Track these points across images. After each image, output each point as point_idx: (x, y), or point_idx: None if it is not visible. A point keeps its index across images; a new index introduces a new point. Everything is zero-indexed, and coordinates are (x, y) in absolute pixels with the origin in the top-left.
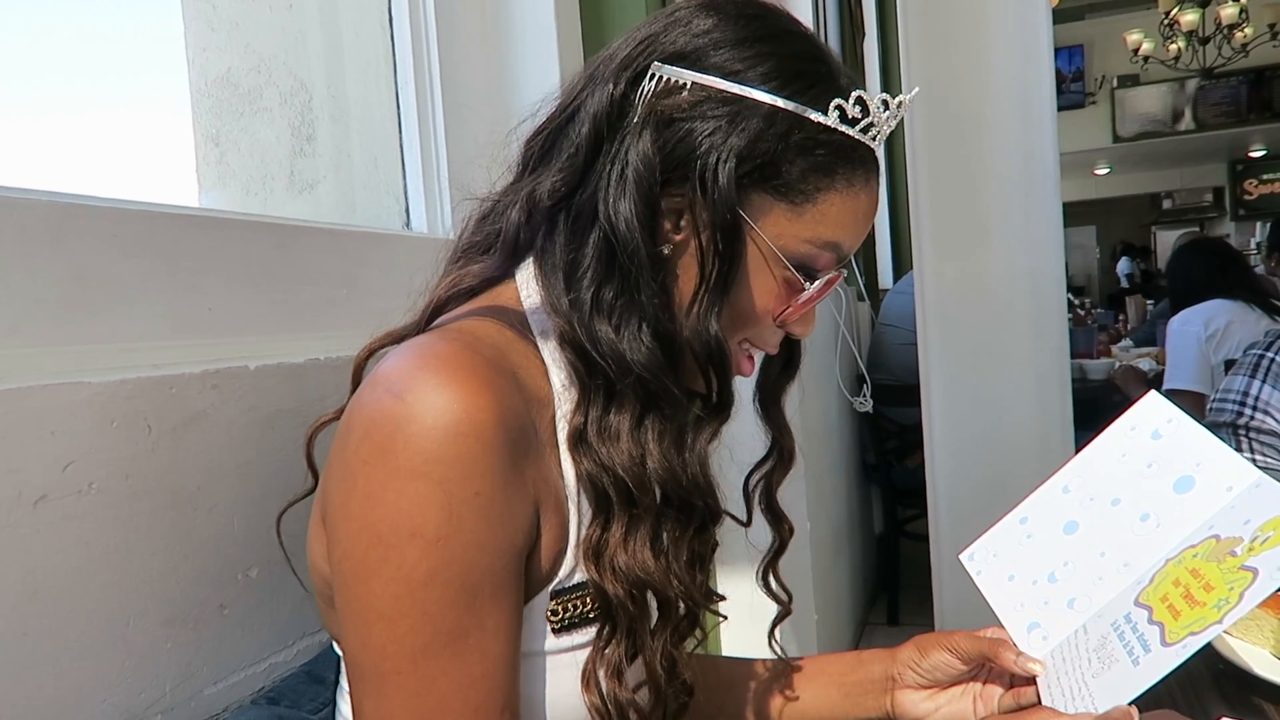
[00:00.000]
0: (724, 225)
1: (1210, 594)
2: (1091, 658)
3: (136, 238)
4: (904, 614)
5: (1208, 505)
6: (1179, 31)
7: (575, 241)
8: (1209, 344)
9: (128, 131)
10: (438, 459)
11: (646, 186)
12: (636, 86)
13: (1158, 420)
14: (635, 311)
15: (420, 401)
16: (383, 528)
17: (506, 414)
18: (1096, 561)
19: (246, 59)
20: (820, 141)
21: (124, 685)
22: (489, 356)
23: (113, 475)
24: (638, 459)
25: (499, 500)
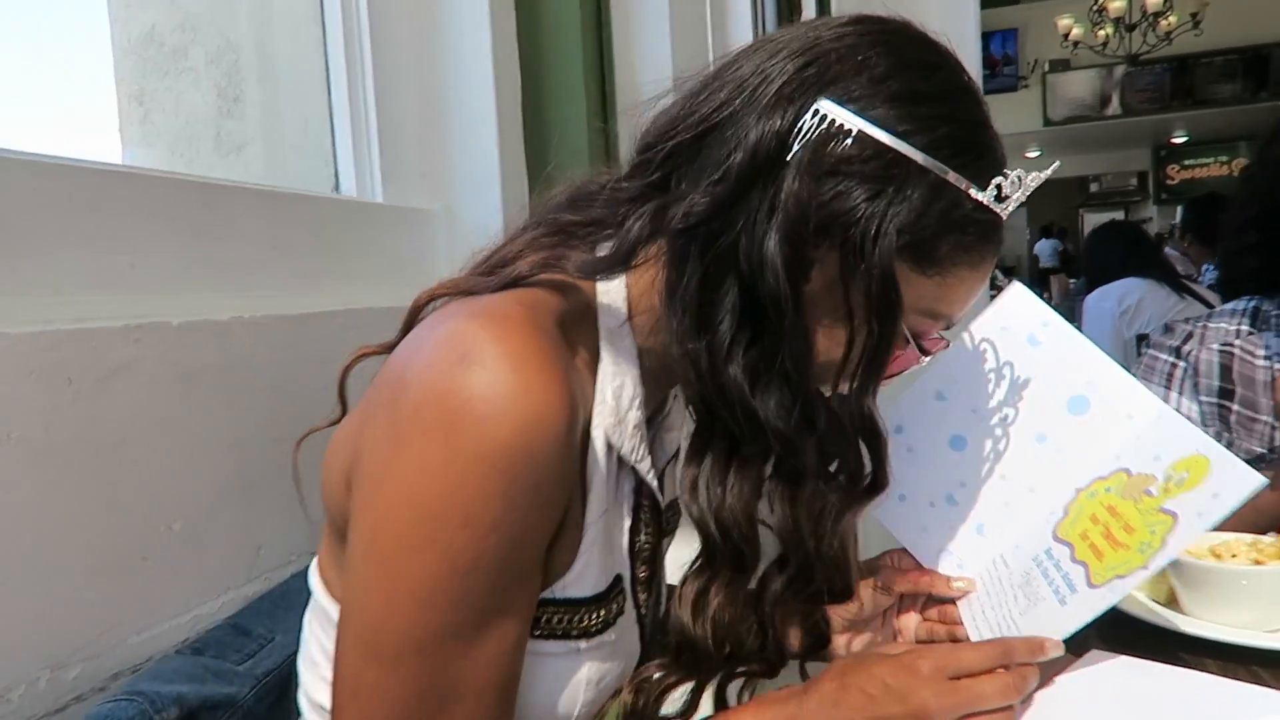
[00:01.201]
0: (882, 302)
1: (1131, 535)
2: (1018, 594)
3: (57, 191)
4: None
5: (1110, 433)
6: (1107, 18)
7: (711, 278)
8: (1122, 319)
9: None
10: (505, 449)
11: (799, 238)
12: (800, 120)
13: (1031, 323)
14: (775, 369)
15: (494, 382)
16: (435, 506)
17: (574, 411)
18: (998, 485)
19: (171, 16)
20: (973, 220)
21: (46, 632)
22: (563, 343)
23: (32, 425)
24: (753, 519)
25: (552, 494)
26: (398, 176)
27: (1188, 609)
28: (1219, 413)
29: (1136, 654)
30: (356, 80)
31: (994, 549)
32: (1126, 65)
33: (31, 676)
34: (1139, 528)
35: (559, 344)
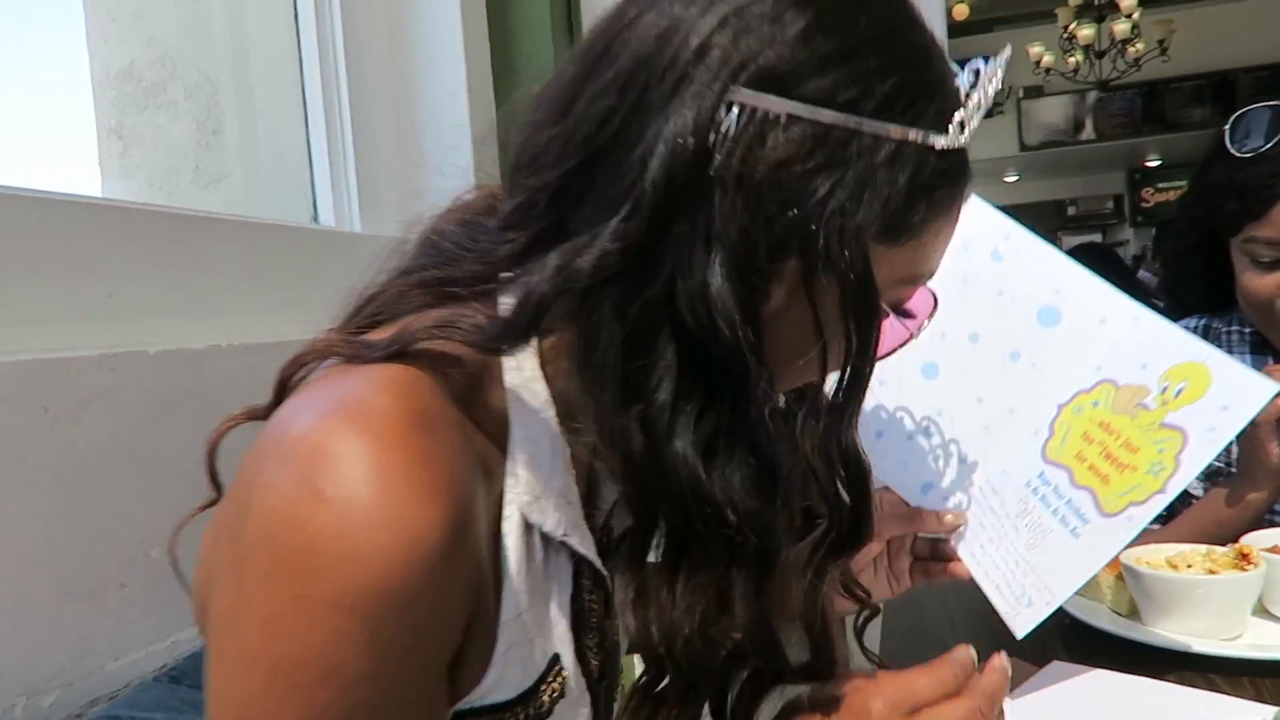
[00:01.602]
0: (860, 306)
1: (1137, 455)
2: (1018, 526)
3: (34, 224)
4: None
5: (1086, 343)
6: (1077, 45)
7: (639, 340)
8: None
9: (28, 121)
10: (367, 593)
11: (750, 268)
12: (714, 116)
13: (993, 238)
14: (737, 436)
15: (350, 512)
16: (286, 663)
17: (461, 522)
18: (975, 409)
19: (150, 51)
20: (942, 170)
21: (22, 659)
22: (439, 421)
23: (9, 453)
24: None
25: (434, 627)
26: (375, 207)
27: (1147, 619)
28: None
29: (1098, 664)
30: (334, 112)
31: (979, 477)
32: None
33: (7, 703)
34: (1143, 446)
35: (446, 434)
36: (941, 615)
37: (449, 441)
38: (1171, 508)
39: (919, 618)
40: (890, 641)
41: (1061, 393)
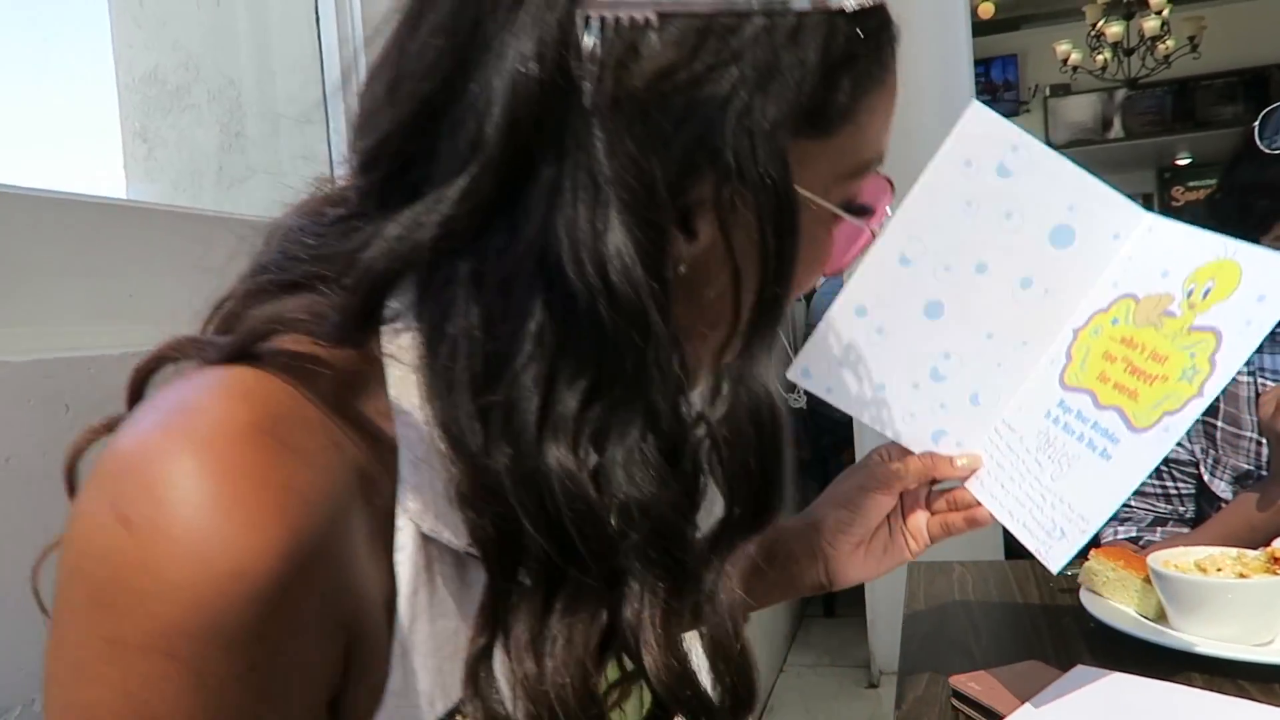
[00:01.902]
0: (780, 226)
1: (1166, 364)
2: (1041, 460)
3: (58, 225)
4: (840, 606)
5: (1099, 261)
6: (1105, 43)
7: (503, 313)
8: None
9: (55, 124)
10: (186, 632)
11: (650, 206)
12: (568, 46)
13: (999, 150)
14: (635, 417)
15: (164, 541)
16: (99, 712)
17: (312, 537)
18: (985, 345)
19: (174, 56)
20: (857, 38)
21: (41, 654)
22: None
23: (30, 450)
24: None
25: (284, 665)
26: None
27: (1174, 623)
28: (1204, 429)
29: (1123, 669)
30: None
31: (994, 416)
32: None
33: (27, 698)
34: (1172, 354)
35: (301, 443)
36: (964, 619)
37: (304, 451)
38: (1200, 511)
39: (940, 623)
40: (911, 645)
41: (1077, 317)
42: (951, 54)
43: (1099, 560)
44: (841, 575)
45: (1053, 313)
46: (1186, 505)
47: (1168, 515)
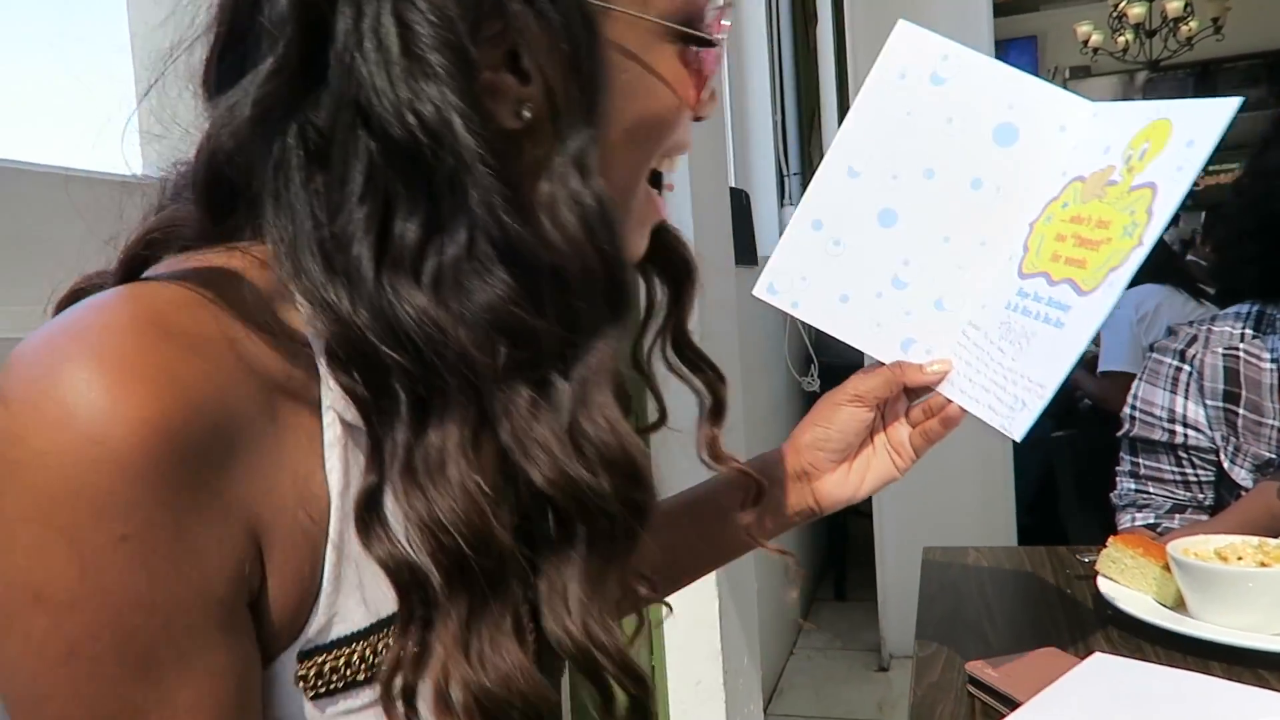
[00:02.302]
0: (571, 36)
1: (1109, 228)
2: (1003, 346)
3: (75, 202)
4: (850, 588)
5: (1049, 153)
6: (1127, 24)
7: (329, 169)
8: (1139, 326)
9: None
10: (55, 496)
11: (455, 44)
12: None
13: (930, 60)
14: (465, 233)
15: (34, 408)
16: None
17: (185, 413)
18: (943, 249)
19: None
20: None
21: None
22: (176, 320)
23: None
24: (480, 489)
25: (165, 540)
26: None
27: (1194, 611)
28: (1225, 416)
29: (1142, 658)
30: None
31: (960, 318)
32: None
33: None
34: (1115, 218)
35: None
36: (979, 602)
37: (195, 344)
38: (1220, 499)
39: (955, 606)
40: (926, 629)
41: (1032, 210)
42: (972, 37)
43: (1117, 547)
44: (827, 496)
45: (1007, 209)
46: (1206, 493)
47: (1187, 503)
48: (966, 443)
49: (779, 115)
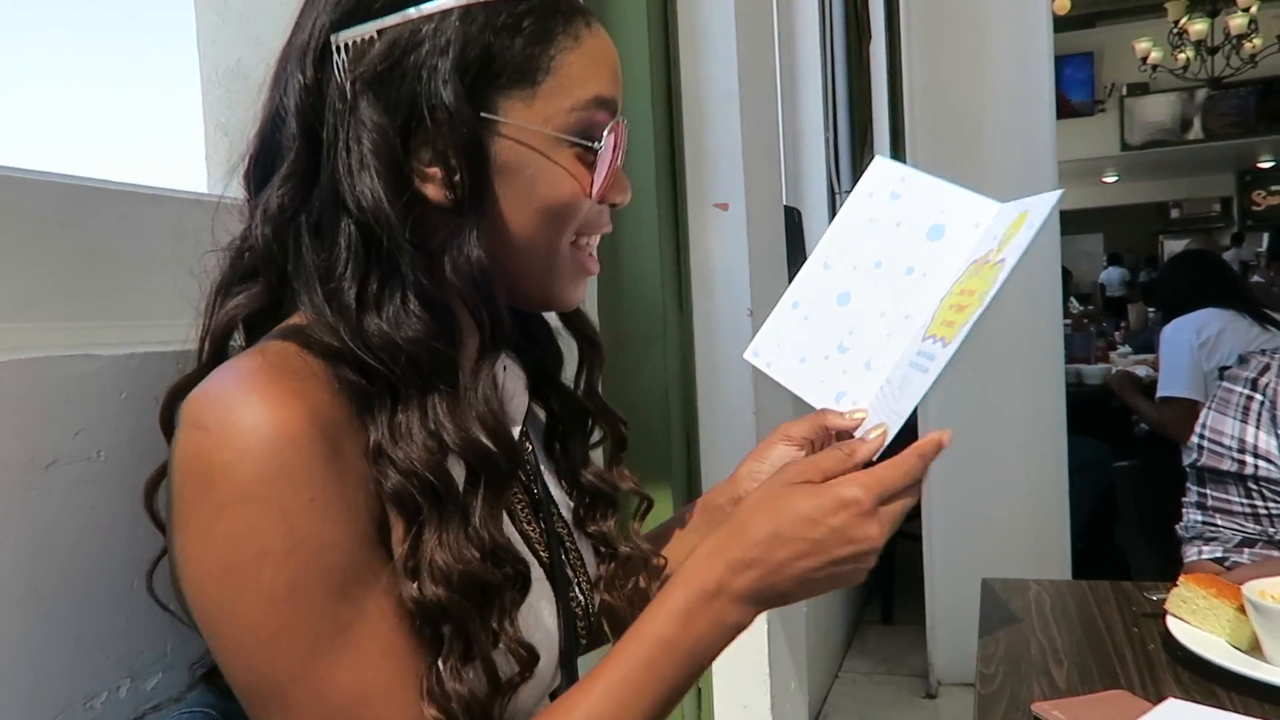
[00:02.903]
0: (468, 142)
1: (975, 295)
2: (898, 394)
3: (147, 220)
4: (898, 612)
5: (963, 244)
6: (1188, 41)
7: (325, 243)
8: (1201, 351)
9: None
10: (259, 479)
11: (387, 152)
12: (327, 66)
13: (892, 182)
14: (399, 287)
15: (225, 426)
16: (228, 558)
17: (317, 412)
18: (879, 322)
19: (257, 52)
20: (521, 14)
21: (127, 643)
22: (289, 363)
23: (121, 443)
24: (433, 448)
25: (335, 497)
26: None
27: (1270, 656)
28: None
29: (1215, 704)
30: None
31: (881, 376)
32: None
33: (113, 684)
34: (979, 288)
35: (292, 365)
36: (1042, 638)
37: (303, 376)
38: None
39: (1016, 643)
40: (989, 664)
41: (944, 289)
42: (1031, 53)
43: (1189, 587)
44: None
45: (927, 289)
46: (1277, 526)
47: (1256, 536)
48: (1020, 467)
49: (831, 132)
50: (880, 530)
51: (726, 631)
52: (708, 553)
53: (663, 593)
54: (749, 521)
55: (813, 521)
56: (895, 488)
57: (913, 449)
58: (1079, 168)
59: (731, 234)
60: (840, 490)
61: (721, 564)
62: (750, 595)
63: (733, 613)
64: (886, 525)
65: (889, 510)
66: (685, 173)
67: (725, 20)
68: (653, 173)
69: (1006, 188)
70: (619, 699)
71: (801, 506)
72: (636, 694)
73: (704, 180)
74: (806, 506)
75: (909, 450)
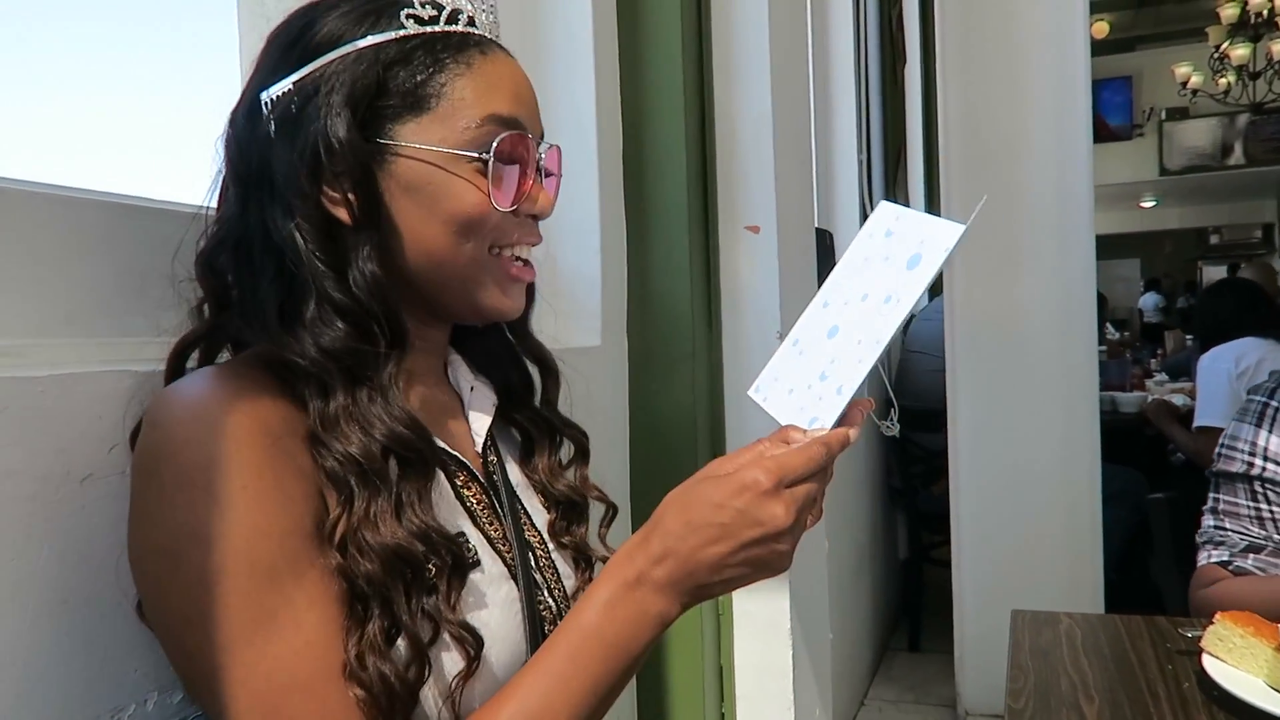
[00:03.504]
0: (361, 168)
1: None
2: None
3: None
4: (926, 640)
5: (933, 268)
6: (1229, 65)
7: (252, 269)
8: (1239, 380)
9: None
10: (196, 465)
11: (295, 185)
12: (256, 121)
13: (888, 220)
14: (315, 301)
15: (171, 421)
16: (164, 541)
17: (262, 411)
18: (855, 349)
19: None
20: (412, 49)
21: (154, 656)
22: (243, 374)
23: None
24: (361, 435)
25: (270, 487)
26: None
27: None
28: None
29: None
30: None
31: (846, 400)
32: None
33: (140, 698)
34: None
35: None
36: (1073, 673)
37: (249, 384)
38: None
39: (1047, 678)
40: (1017, 700)
41: (907, 310)
42: (1069, 76)
43: (1225, 625)
44: None
45: (896, 315)
46: None
47: (1262, 541)
48: (1053, 494)
49: (864, 154)
50: (785, 510)
51: (650, 622)
52: (630, 547)
53: (590, 586)
54: (664, 514)
55: (718, 506)
56: (798, 472)
57: (819, 437)
58: (1116, 192)
59: (762, 256)
60: (742, 474)
61: (641, 555)
62: (669, 584)
63: (655, 602)
64: (792, 507)
65: (793, 493)
66: (717, 194)
67: (759, 42)
68: (684, 194)
69: (1042, 212)
70: (545, 690)
71: (708, 494)
72: (563, 684)
73: (735, 202)
74: (712, 493)
75: (815, 438)
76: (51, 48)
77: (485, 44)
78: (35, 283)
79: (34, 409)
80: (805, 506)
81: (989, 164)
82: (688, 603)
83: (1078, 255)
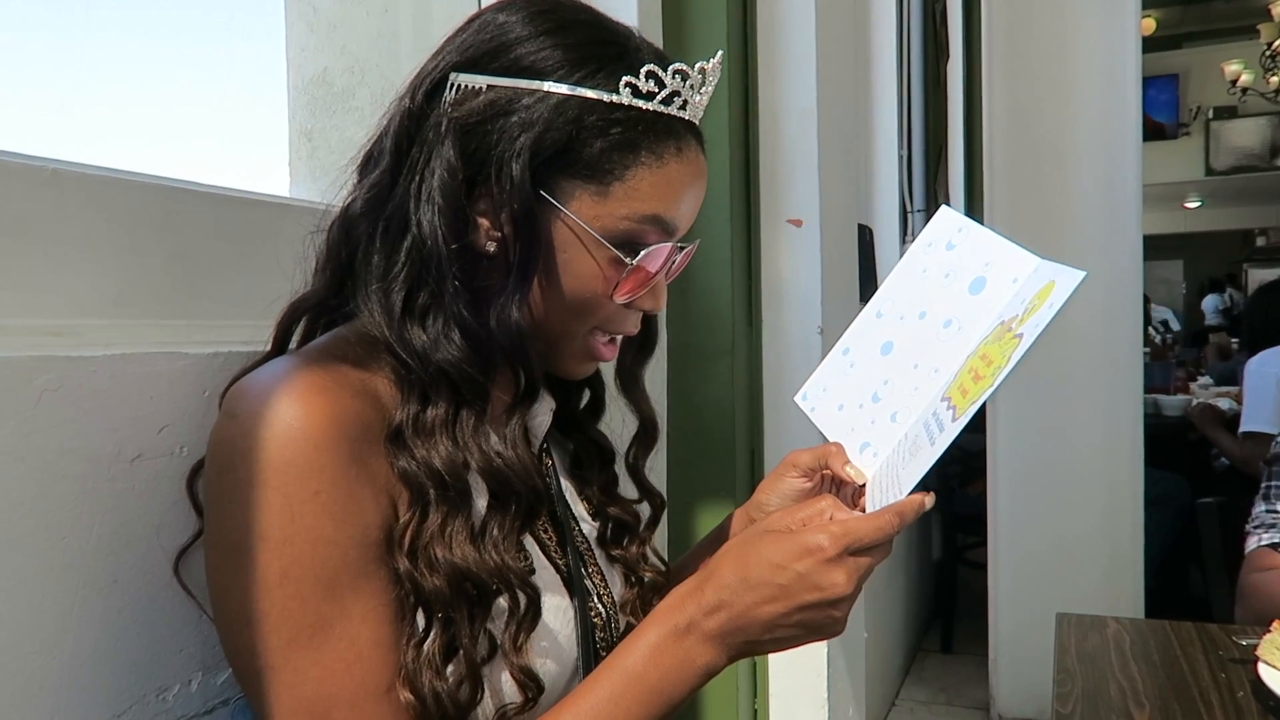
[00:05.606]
0: (521, 214)
1: (991, 365)
2: (906, 455)
3: (236, 222)
4: (958, 642)
5: (999, 299)
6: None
7: (387, 250)
8: None
9: (230, 124)
10: (271, 466)
11: (450, 193)
12: (436, 98)
13: (949, 232)
14: (443, 312)
15: (251, 417)
16: (234, 538)
17: (341, 415)
18: (911, 374)
19: (342, 60)
20: (615, 120)
21: (199, 637)
22: (329, 366)
23: (203, 440)
24: (452, 452)
25: (341, 496)
26: None
27: None
28: None
29: None
30: None
31: (903, 430)
32: None
33: (185, 678)
34: (996, 357)
35: (330, 368)
36: (1122, 680)
37: (338, 382)
38: None
39: (1096, 683)
40: (1064, 705)
41: (972, 346)
42: (1118, 73)
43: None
44: None
45: (958, 344)
46: None
47: None
48: (1093, 497)
49: (905, 150)
50: (847, 579)
51: (695, 671)
52: (682, 594)
53: (637, 629)
54: (720, 566)
55: (779, 567)
56: (864, 540)
57: (892, 506)
58: (1160, 192)
59: (804, 250)
60: (806, 537)
61: (693, 604)
62: (719, 636)
63: (702, 653)
64: (854, 575)
65: (857, 562)
66: (760, 187)
67: (806, 37)
68: (727, 186)
69: (1087, 213)
70: None
71: (769, 553)
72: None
73: (778, 195)
74: (773, 552)
75: (888, 507)
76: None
77: (685, 139)
78: (87, 264)
79: (87, 388)
80: (866, 575)
81: (1033, 162)
82: (734, 656)
83: (1124, 256)
